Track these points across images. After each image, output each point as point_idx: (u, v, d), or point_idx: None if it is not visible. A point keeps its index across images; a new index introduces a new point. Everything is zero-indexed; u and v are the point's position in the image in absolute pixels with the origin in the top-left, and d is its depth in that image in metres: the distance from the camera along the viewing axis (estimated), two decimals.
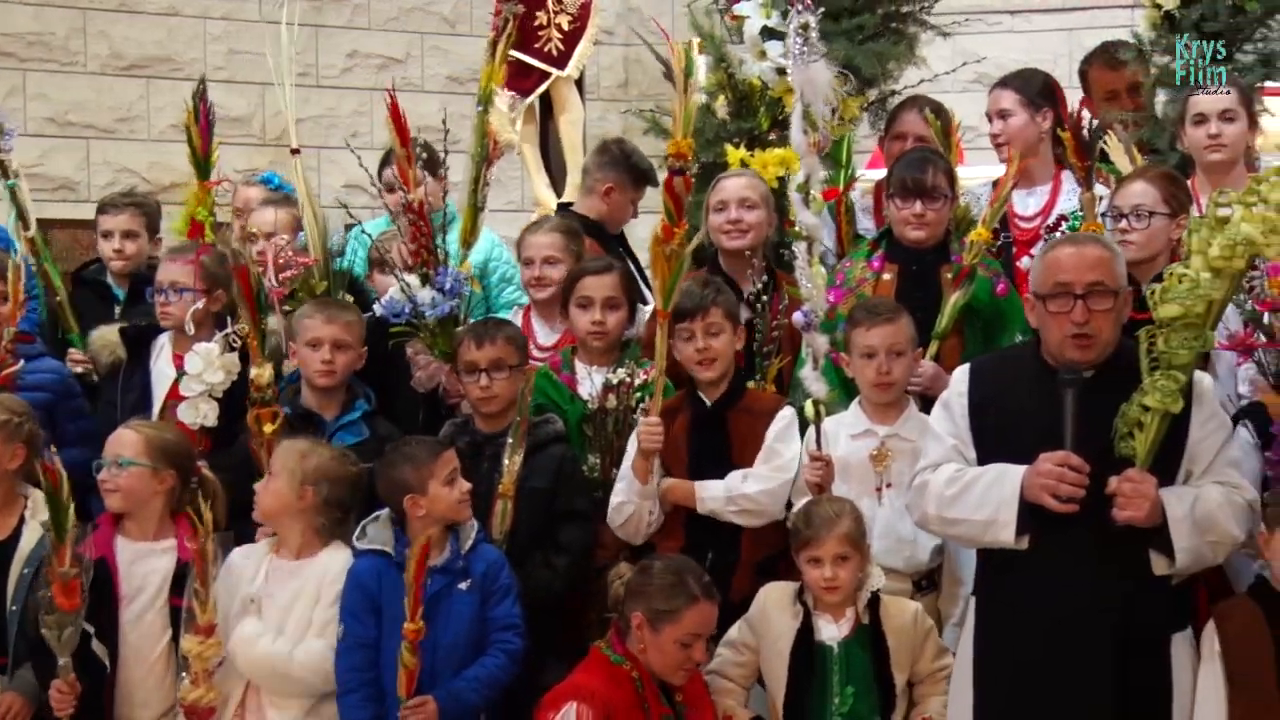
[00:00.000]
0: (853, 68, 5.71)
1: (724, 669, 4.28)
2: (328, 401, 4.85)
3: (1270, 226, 3.67)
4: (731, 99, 5.91)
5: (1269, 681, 3.83)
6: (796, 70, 4.46)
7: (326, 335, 4.80)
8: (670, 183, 4.44)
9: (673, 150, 4.44)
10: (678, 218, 4.42)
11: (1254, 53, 5.93)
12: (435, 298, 5.00)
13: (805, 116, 4.46)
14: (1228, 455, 3.91)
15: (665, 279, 4.44)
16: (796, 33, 4.40)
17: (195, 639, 4.16)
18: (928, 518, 4.00)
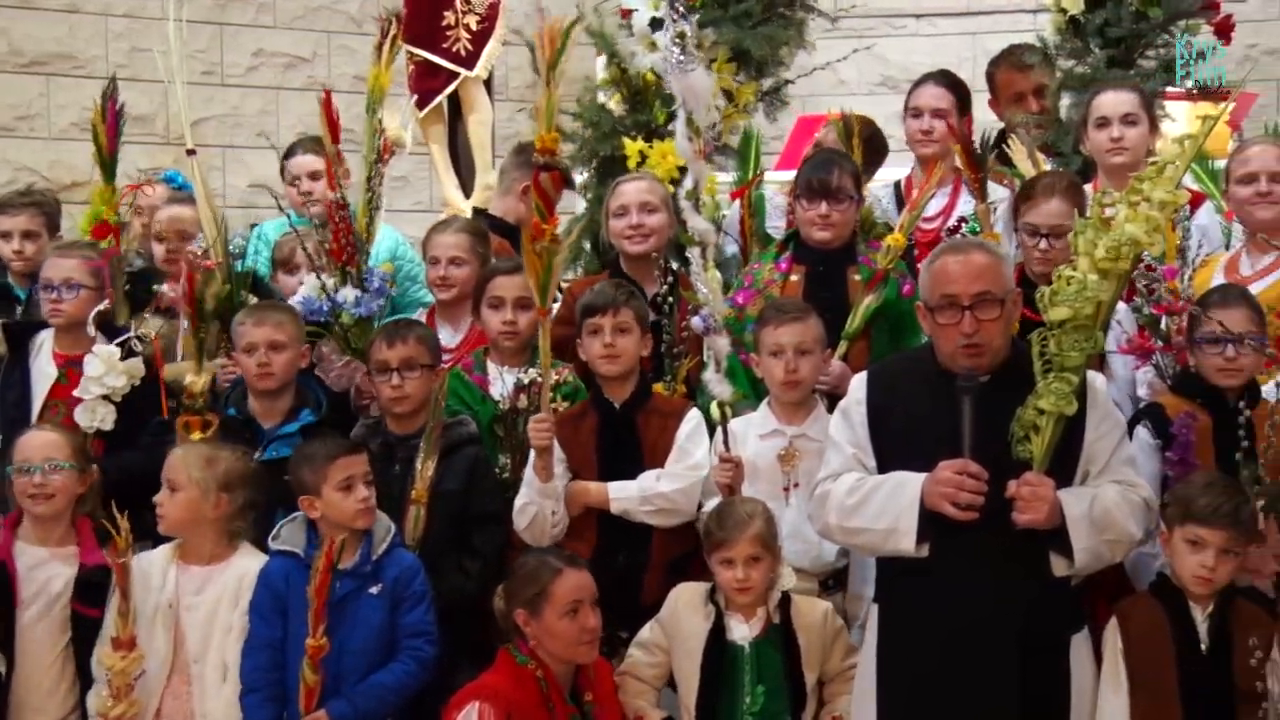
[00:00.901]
0: (743, 52, 5.73)
1: (635, 670, 4.28)
2: (270, 407, 4.78)
3: (1153, 225, 3.71)
4: (626, 93, 5.91)
5: (1169, 679, 3.88)
6: (676, 78, 4.45)
7: (259, 338, 4.73)
8: (537, 178, 4.40)
9: (539, 145, 4.41)
10: (548, 214, 4.39)
11: (1155, 58, 6.03)
12: (359, 296, 4.96)
13: (688, 123, 4.45)
14: (1123, 454, 3.95)
15: (539, 276, 4.41)
16: (673, 41, 4.40)
17: (116, 654, 4.12)
18: (829, 527, 4.00)
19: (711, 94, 4.57)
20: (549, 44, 4.38)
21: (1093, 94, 5.42)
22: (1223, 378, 4.24)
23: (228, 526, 4.34)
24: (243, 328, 4.76)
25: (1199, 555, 3.88)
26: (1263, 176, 4.75)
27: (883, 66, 8.97)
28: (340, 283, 5.04)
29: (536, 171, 4.40)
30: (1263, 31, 8.64)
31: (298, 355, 4.80)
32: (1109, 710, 3.91)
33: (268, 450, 4.65)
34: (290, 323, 4.81)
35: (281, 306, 4.97)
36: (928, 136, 5.59)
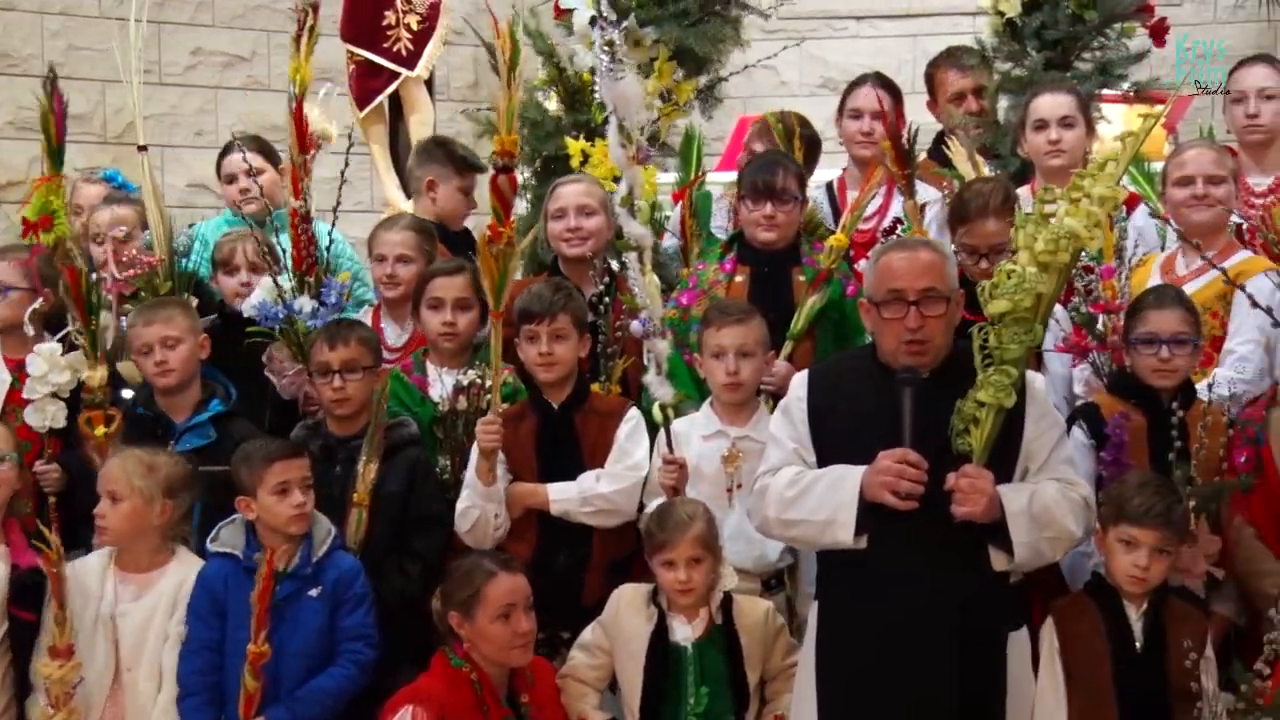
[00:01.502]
0: (684, 50, 5.75)
1: (578, 672, 4.28)
2: (177, 403, 4.76)
3: (1093, 220, 3.73)
4: (563, 93, 5.91)
5: (1104, 678, 3.91)
6: (606, 86, 4.46)
7: (152, 337, 4.71)
8: (495, 181, 4.40)
9: (497, 148, 4.41)
10: (504, 217, 4.39)
11: (1092, 61, 6.09)
12: (316, 309, 4.94)
13: (620, 130, 4.46)
14: (1062, 453, 3.97)
15: (495, 279, 4.41)
16: (602, 49, 4.40)
17: (54, 663, 4.09)
18: (768, 521, 3.99)
19: (643, 100, 4.58)
20: (507, 46, 4.38)
21: (1030, 96, 5.46)
22: (1157, 378, 4.29)
23: (169, 532, 4.32)
24: (134, 329, 4.75)
25: (1132, 555, 3.91)
26: (1199, 179, 4.79)
27: (823, 68, 9.01)
28: (298, 290, 5.02)
29: (495, 174, 4.40)
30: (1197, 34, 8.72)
31: (195, 347, 4.78)
32: (1046, 709, 3.93)
33: (180, 443, 4.63)
34: (181, 316, 4.78)
35: (170, 301, 4.93)
36: (868, 138, 5.61)
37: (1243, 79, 5.37)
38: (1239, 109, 5.36)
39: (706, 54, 5.87)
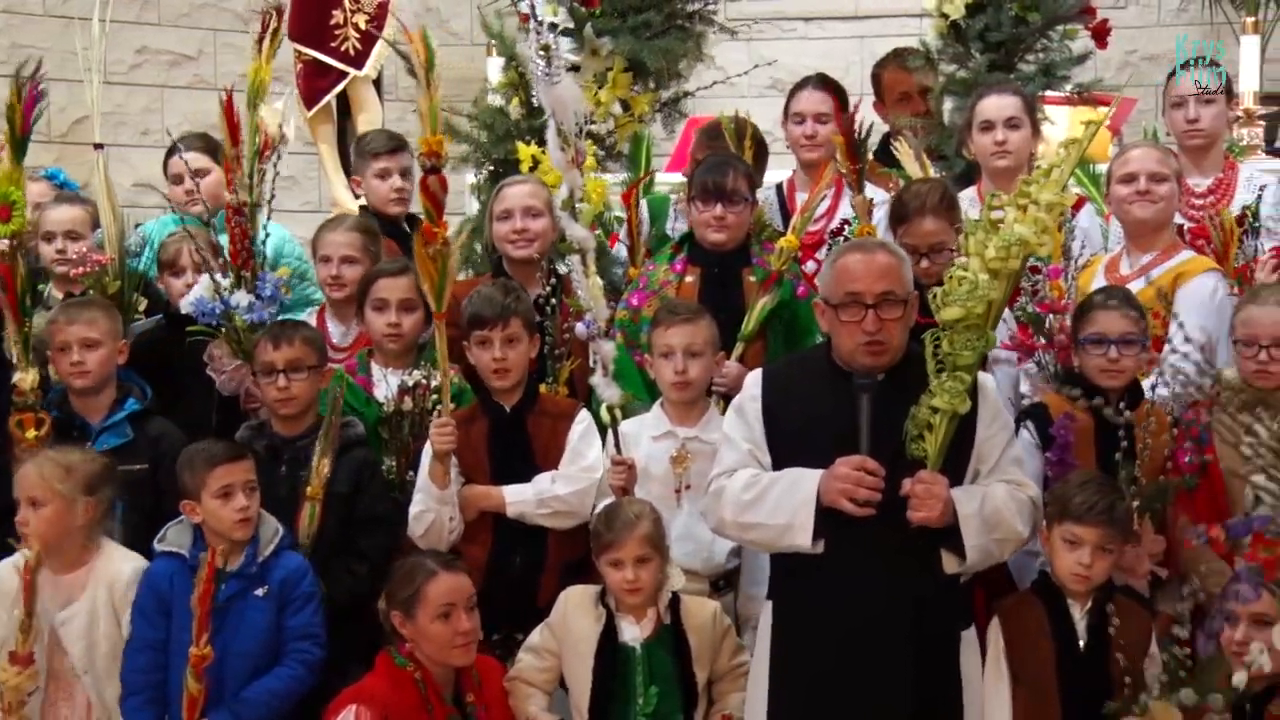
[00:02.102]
0: (639, 63, 5.75)
1: (526, 673, 4.27)
2: (92, 404, 4.72)
3: (1042, 226, 3.75)
4: (524, 98, 5.91)
5: (1049, 676, 3.93)
6: (543, 91, 4.46)
7: (72, 336, 4.68)
8: (425, 183, 4.39)
9: (423, 148, 4.41)
10: (437, 218, 4.38)
11: (1035, 62, 6.13)
12: (253, 302, 4.92)
13: (559, 134, 4.46)
14: (1011, 454, 4.01)
15: (434, 280, 4.40)
16: (538, 54, 4.40)
17: (12, 669, 4.05)
18: (724, 523, 4.00)
19: (581, 102, 4.58)
20: (421, 49, 4.38)
21: (976, 98, 5.49)
22: (1105, 379, 4.32)
23: (92, 530, 4.30)
24: (55, 326, 4.72)
25: (1075, 553, 3.94)
26: (1142, 176, 4.83)
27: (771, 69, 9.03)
28: (235, 286, 4.99)
29: (424, 175, 4.39)
30: (1140, 38, 8.81)
31: (114, 352, 4.76)
32: (992, 707, 3.96)
33: (98, 444, 4.60)
34: (104, 319, 4.75)
35: (96, 303, 4.89)
36: (811, 141, 5.62)
37: (1183, 83, 5.41)
38: (1179, 113, 5.39)
39: (659, 69, 5.86)
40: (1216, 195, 5.34)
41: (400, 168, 5.69)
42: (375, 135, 5.89)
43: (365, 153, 5.75)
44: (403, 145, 5.73)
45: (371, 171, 5.69)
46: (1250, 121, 7.01)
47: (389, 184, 5.66)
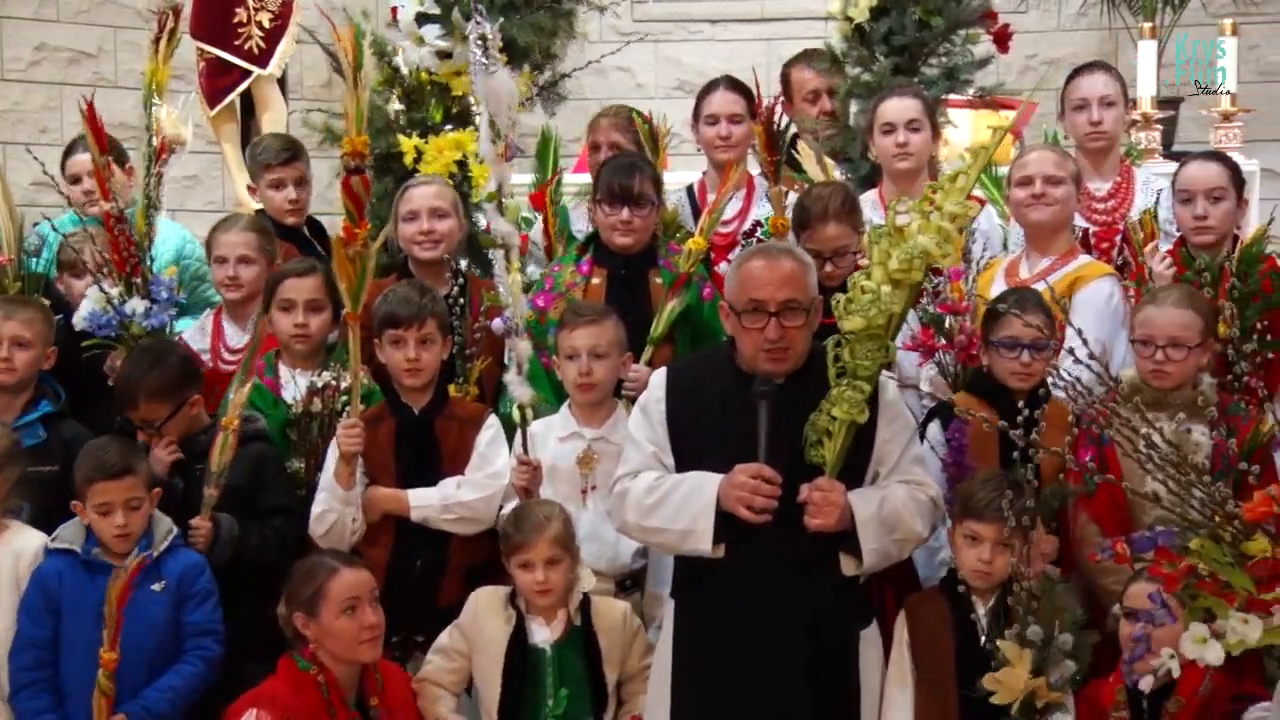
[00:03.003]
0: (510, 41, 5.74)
1: (435, 676, 4.26)
2: (8, 403, 4.66)
3: (944, 236, 3.78)
4: (401, 93, 5.88)
5: (948, 672, 3.97)
6: (478, 81, 4.45)
7: (6, 333, 4.62)
8: (348, 183, 4.36)
9: (348, 149, 4.38)
10: (359, 218, 4.36)
11: (939, 66, 6.19)
12: (149, 308, 4.86)
13: (491, 126, 4.46)
14: (912, 454, 4.04)
15: (351, 281, 4.38)
16: (475, 43, 4.39)
17: None
18: (628, 525, 4.02)
19: (516, 96, 4.57)
20: (351, 48, 4.35)
21: (877, 101, 5.53)
22: (1015, 380, 4.37)
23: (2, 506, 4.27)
24: None
25: (976, 550, 3.99)
26: (1039, 179, 4.89)
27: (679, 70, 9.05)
28: (126, 294, 4.94)
29: (347, 175, 4.37)
30: (1041, 42, 8.92)
31: (42, 356, 4.71)
32: (894, 703, 4.00)
33: None
34: (40, 321, 4.72)
35: (36, 305, 4.85)
36: (725, 142, 5.64)
37: (1084, 87, 5.48)
38: (1081, 116, 5.46)
39: (530, 44, 5.84)
40: (1117, 199, 5.43)
41: (295, 177, 5.58)
42: (269, 143, 5.75)
43: (259, 162, 5.63)
44: (297, 154, 5.63)
45: (266, 181, 5.59)
46: (1148, 125, 7.12)
47: (283, 195, 5.54)
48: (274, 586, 4.23)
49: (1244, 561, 3.20)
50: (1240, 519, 3.24)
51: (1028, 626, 3.81)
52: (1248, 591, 3.21)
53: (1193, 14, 8.40)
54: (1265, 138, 7.75)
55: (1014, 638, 3.83)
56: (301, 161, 5.62)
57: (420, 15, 5.85)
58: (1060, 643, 3.82)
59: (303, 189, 5.62)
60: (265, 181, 5.58)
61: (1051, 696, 3.81)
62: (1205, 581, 3.25)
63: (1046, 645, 3.81)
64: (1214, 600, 3.25)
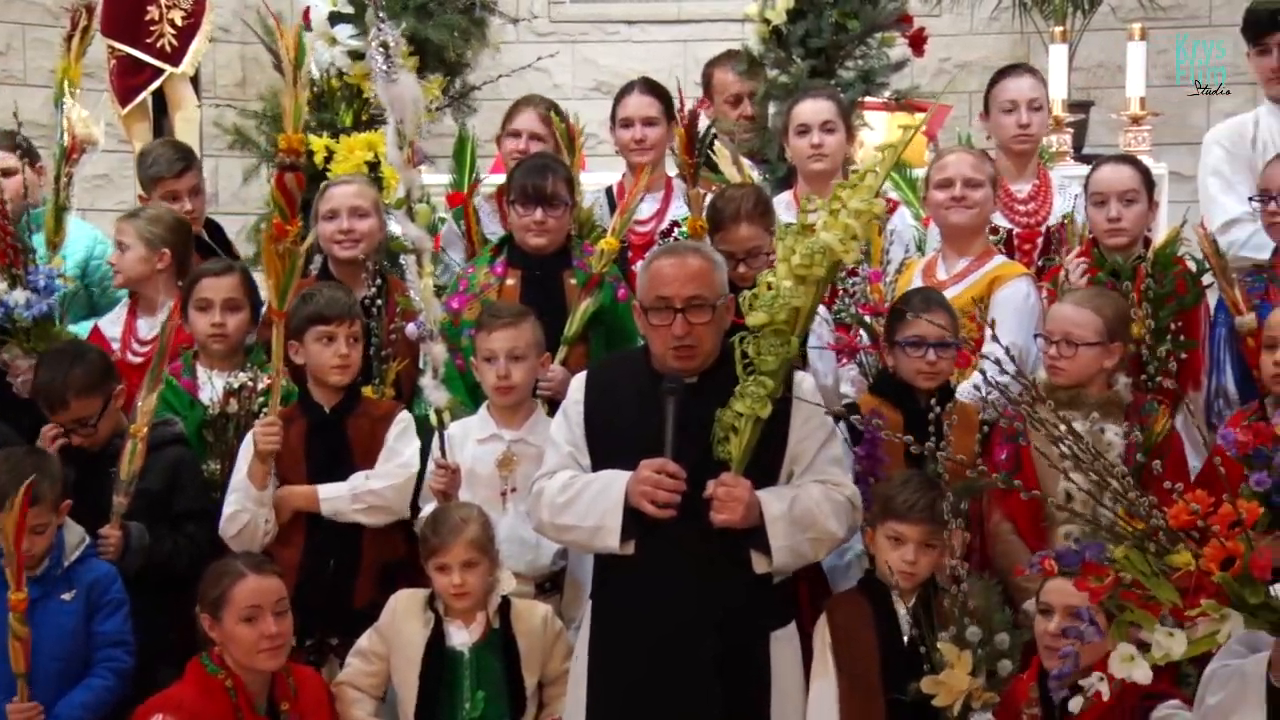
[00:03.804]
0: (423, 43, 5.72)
1: (353, 679, 4.24)
2: None
3: (849, 233, 3.80)
4: (311, 95, 5.84)
5: (873, 671, 3.99)
6: (383, 88, 4.43)
7: None
8: (281, 179, 4.34)
9: (284, 145, 4.35)
10: (290, 215, 4.34)
11: (855, 69, 6.25)
12: (30, 298, 4.79)
13: (397, 133, 4.44)
14: (829, 454, 4.04)
15: (279, 278, 4.36)
16: (377, 50, 4.38)
17: None
18: (543, 524, 4.03)
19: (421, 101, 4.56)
20: (292, 45, 4.33)
21: (793, 102, 5.56)
22: (921, 380, 4.41)
23: None
24: None
25: (900, 550, 4.00)
26: (958, 182, 4.93)
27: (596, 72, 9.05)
28: (10, 286, 4.87)
29: (280, 172, 4.34)
30: (955, 45, 9.01)
31: None
32: (817, 703, 4.01)
33: None
34: None
35: None
36: (640, 145, 5.65)
37: (1013, 89, 5.51)
38: (1009, 118, 5.48)
39: (444, 42, 5.81)
40: (1038, 201, 5.49)
41: (189, 188, 5.48)
42: (160, 154, 5.57)
43: (150, 174, 5.49)
44: (189, 164, 5.53)
45: (159, 194, 5.45)
46: (1059, 128, 7.22)
47: (179, 207, 5.40)
48: (190, 589, 4.18)
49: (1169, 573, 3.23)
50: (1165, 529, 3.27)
51: (966, 628, 3.84)
52: (1173, 603, 3.25)
53: (1102, 19, 8.53)
54: (1173, 141, 7.86)
55: (952, 639, 3.85)
56: (194, 171, 5.53)
57: (334, 14, 5.81)
58: (998, 642, 3.85)
59: (197, 199, 5.52)
60: (158, 194, 5.45)
61: (987, 696, 3.84)
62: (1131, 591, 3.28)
63: (984, 645, 3.84)
64: (1140, 613, 3.28)
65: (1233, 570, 3.17)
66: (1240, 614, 3.25)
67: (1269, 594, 3.26)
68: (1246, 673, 3.46)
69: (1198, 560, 3.18)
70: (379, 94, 4.50)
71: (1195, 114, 7.79)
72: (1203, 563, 3.18)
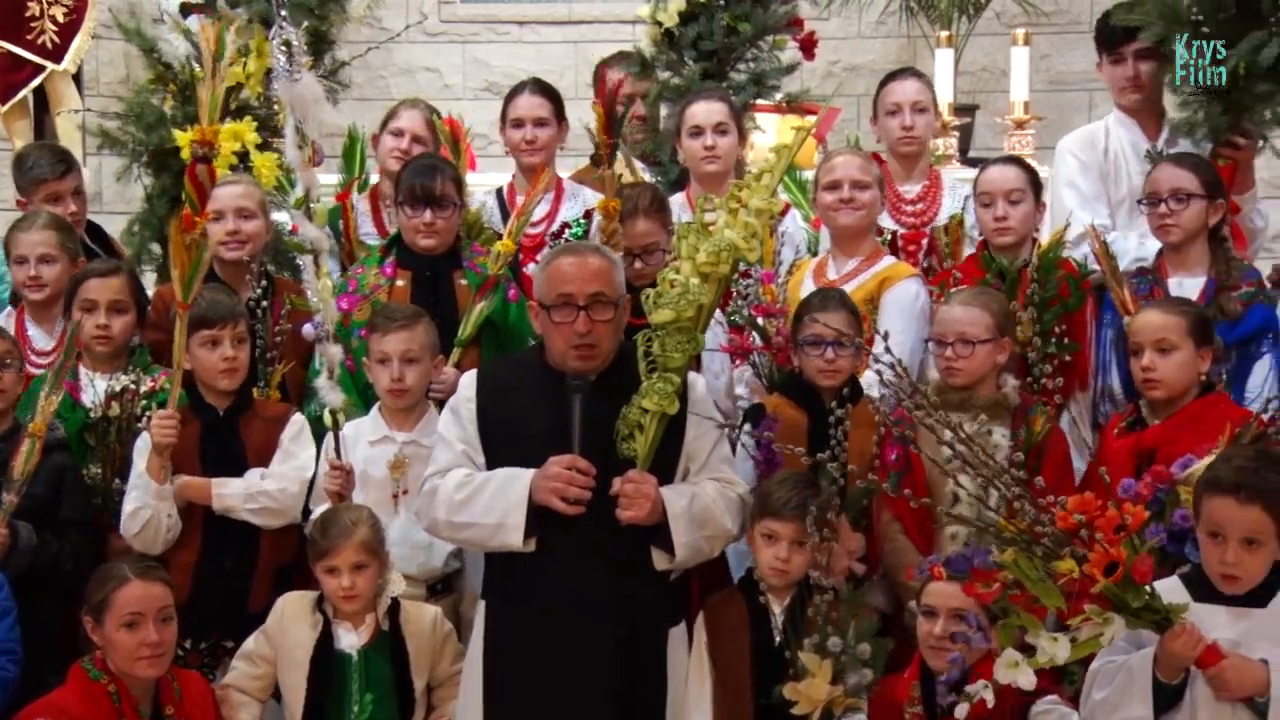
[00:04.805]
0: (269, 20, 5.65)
1: (238, 682, 4.20)
2: None
3: (751, 231, 3.83)
4: (175, 89, 5.77)
5: (744, 671, 4.02)
6: (284, 88, 4.40)
7: None
8: (193, 171, 4.30)
9: (197, 137, 4.30)
10: (200, 207, 4.30)
11: (746, 71, 6.29)
12: None
13: (297, 132, 4.40)
14: (721, 452, 4.09)
15: (185, 270, 4.31)
16: (279, 49, 4.35)
17: None
18: (438, 523, 4.00)
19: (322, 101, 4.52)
20: (213, 39, 4.27)
21: (685, 104, 5.58)
22: (823, 378, 4.43)
23: None
24: None
25: (773, 548, 4.03)
26: (846, 184, 4.97)
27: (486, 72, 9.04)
28: None
29: (193, 164, 4.28)
30: (843, 49, 9.10)
31: None
32: (694, 701, 4.03)
33: None
34: None
35: None
36: (531, 146, 5.64)
37: (898, 92, 5.58)
38: (894, 121, 5.55)
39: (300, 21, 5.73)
40: (925, 202, 5.55)
41: (70, 189, 5.37)
42: (38, 157, 5.45)
43: (31, 178, 5.36)
44: (70, 166, 5.42)
45: (40, 196, 5.33)
46: (945, 131, 7.32)
47: (61, 209, 5.29)
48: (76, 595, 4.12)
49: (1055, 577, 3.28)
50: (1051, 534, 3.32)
51: (828, 637, 3.88)
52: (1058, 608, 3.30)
53: (986, 24, 8.67)
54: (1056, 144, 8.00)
55: (814, 648, 3.89)
56: (75, 172, 5.43)
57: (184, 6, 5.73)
58: (859, 652, 3.90)
59: (79, 200, 5.42)
60: (40, 196, 5.34)
61: (849, 703, 3.89)
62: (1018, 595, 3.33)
63: (845, 654, 3.89)
64: (1026, 618, 3.33)
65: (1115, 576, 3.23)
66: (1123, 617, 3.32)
67: (1151, 594, 3.33)
68: (1133, 668, 3.52)
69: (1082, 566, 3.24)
70: (279, 93, 4.45)
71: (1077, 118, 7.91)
72: (1087, 568, 3.24)
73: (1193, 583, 3.58)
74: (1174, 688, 3.48)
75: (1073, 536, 3.26)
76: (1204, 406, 4.28)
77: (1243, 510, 3.46)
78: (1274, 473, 3.51)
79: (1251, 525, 3.46)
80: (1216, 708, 3.45)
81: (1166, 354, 4.28)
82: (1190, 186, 4.77)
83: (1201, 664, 3.40)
